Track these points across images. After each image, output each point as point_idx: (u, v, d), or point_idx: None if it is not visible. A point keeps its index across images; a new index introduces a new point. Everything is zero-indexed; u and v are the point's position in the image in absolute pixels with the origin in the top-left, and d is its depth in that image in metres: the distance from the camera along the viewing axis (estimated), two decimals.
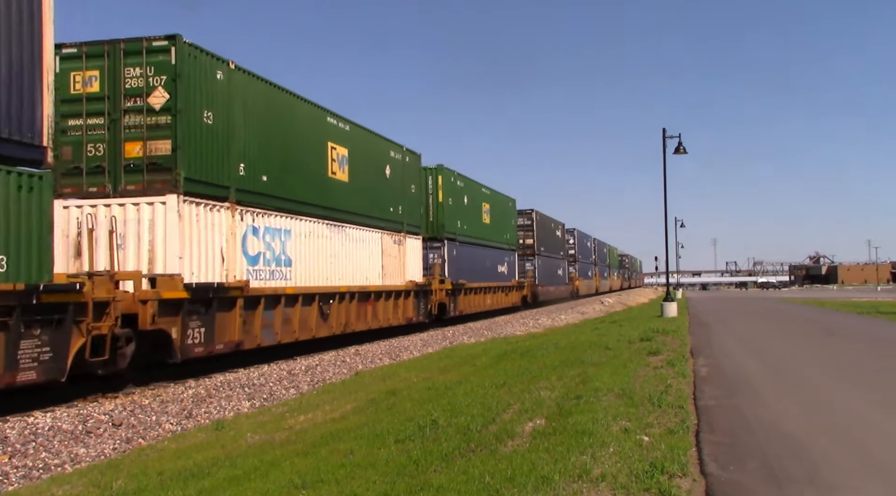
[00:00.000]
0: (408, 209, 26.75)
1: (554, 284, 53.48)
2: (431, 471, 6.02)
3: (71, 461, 9.07)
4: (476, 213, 35.51)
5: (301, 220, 18.90)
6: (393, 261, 24.91)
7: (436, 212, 30.37)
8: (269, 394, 13.56)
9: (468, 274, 32.83)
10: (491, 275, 37.51)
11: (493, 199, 39.01)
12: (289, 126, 18.61)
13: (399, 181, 26.22)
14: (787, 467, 5.86)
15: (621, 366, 12.02)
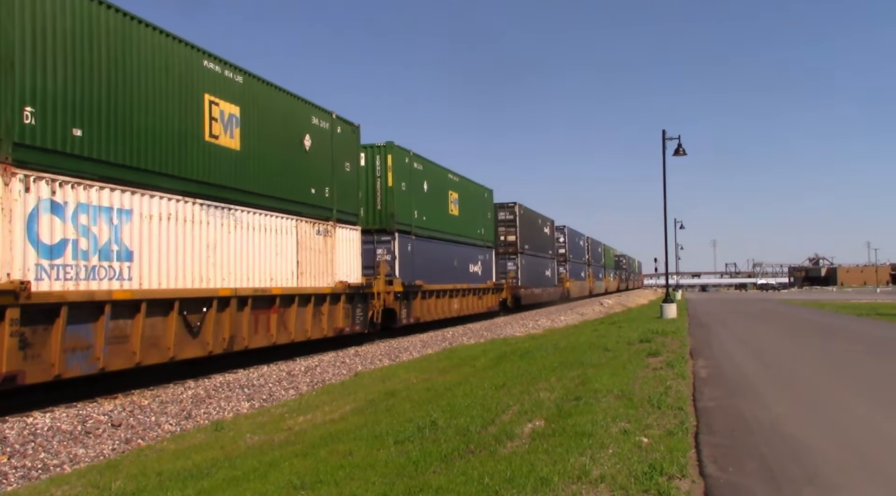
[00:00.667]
0: (340, 192, 21.07)
1: (541, 286, 48.61)
2: (431, 472, 6.02)
3: (70, 461, 9.07)
4: (440, 202, 30.26)
5: (152, 196, 13.56)
6: (315, 257, 19.48)
7: (384, 198, 25.30)
8: (269, 395, 13.56)
9: (428, 273, 27.92)
10: (460, 275, 32.41)
11: (462, 188, 33.64)
12: (129, 63, 13.29)
13: (326, 156, 20.50)
14: (787, 468, 5.86)
15: (620, 367, 12.02)
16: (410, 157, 27.30)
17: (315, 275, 19.42)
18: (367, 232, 23.90)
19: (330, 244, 20.38)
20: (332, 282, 20.36)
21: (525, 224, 44.78)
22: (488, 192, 38.64)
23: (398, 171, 25.82)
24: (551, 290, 52.54)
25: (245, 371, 16.27)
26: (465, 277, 33.17)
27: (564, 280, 59.12)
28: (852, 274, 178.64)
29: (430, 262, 28.46)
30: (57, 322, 11.34)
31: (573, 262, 64.09)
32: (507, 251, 42.29)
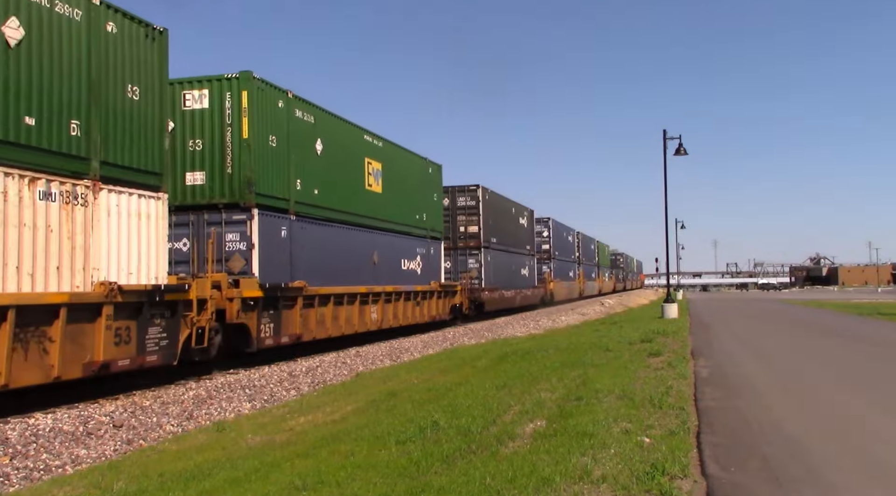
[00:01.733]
0: (116, 130, 12.84)
1: (515, 287, 41.14)
2: (432, 473, 6.02)
3: (72, 462, 9.08)
4: (347, 172, 21.98)
5: None
6: (36, 240, 11.13)
7: (236, 157, 17.11)
8: (270, 396, 13.56)
9: (323, 271, 19.65)
10: (384, 274, 23.90)
11: (390, 157, 25.21)
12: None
13: (63, 71, 11.90)
14: (789, 468, 5.86)
15: (622, 367, 12.02)
16: (289, 100, 18.86)
17: (34, 273, 11.07)
18: (211, 208, 17.07)
19: (80, 219, 12.00)
20: (85, 283, 11.99)
21: (492, 212, 36.98)
22: (435, 168, 30.17)
23: (262, 119, 17.61)
24: (528, 293, 45.03)
25: (246, 371, 16.28)
26: (393, 277, 24.72)
27: (547, 280, 51.71)
28: (853, 273, 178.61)
29: (328, 256, 20.19)
30: None
31: (559, 260, 56.36)
32: (467, 245, 34.86)
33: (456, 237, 34.94)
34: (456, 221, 35.15)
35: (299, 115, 19.50)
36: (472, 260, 35.16)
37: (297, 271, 18.55)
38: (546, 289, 51.19)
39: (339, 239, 21.30)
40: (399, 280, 25.23)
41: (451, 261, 34.21)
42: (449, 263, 33.52)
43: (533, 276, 47.51)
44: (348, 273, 21.41)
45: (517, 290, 42.02)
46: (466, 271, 34.56)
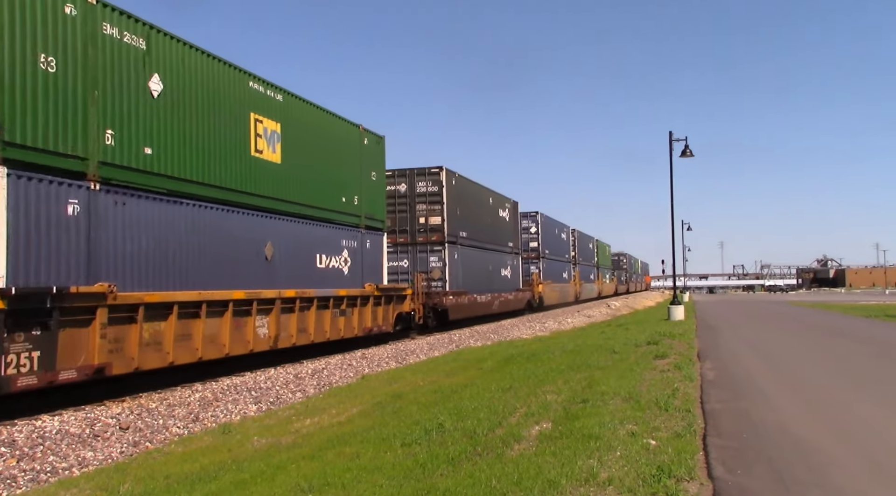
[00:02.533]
0: None
1: (492, 290, 34.88)
2: (438, 475, 6.02)
3: (78, 464, 9.10)
4: (221, 131, 15.79)
5: None
6: None
7: None
8: (276, 398, 13.58)
9: (162, 269, 13.88)
10: (287, 273, 18.04)
11: (297, 118, 18.92)
12: None
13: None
14: (795, 471, 5.84)
15: (627, 369, 11.99)
16: (90, 6, 12.46)
17: None
18: None
19: None
20: None
21: (460, 201, 31.04)
22: (372, 139, 23.41)
23: (21, 23, 11.18)
24: (510, 297, 38.15)
25: (252, 374, 16.29)
26: (301, 278, 18.68)
27: (535, 282, 45.80)
28: (861, 275, 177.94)
29: (176, 247, 14.23)
30: None
31: (550, 260, 50.73)
32: (428, 240, 29.17)
33: (415, 230, 29.33)
34: (415, 211, 29.46)
35: (112, 33, 12.95)
36: (434, 257, 29.32)
37: (102, 269, 12.43)
38: (534, 293, 44.95)
39: (201, 223, 15.06)
40: (312, 282, 19.07)
41: (410, 258, 29.27)
42: (407, 262, 29.23)
43: (517, 278, 41.28)
44: (218, 273, 15.39)
45: (495, 294, 35.05)
46: (427, 271, 28.97)
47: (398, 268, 29.10)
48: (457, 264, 30.40)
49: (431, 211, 29.49)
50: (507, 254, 39.65)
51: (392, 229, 28.08)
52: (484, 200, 35.79)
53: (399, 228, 29.52)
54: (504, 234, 39.15)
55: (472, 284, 32.17)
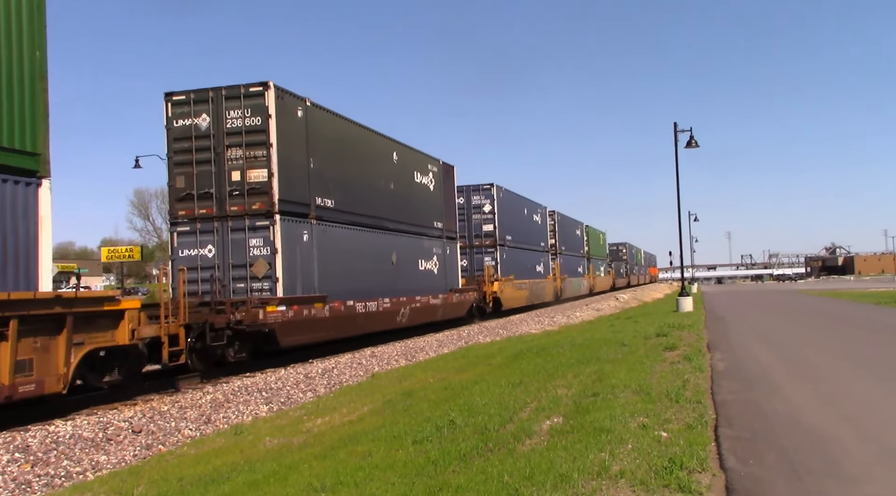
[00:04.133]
0: None
1: (398, 293, 23.63)
2: (450, 472, 6.03)
3: (92, 468, 9.16)
4: None
5: None
6: None
7: None
8: (287, 398, 13.62)
9: None
10: None
11: None
12: None
13: None
14: (807, 460, 5.82)
15: (637, 362, 11.98)
16: None
17: None
18: None
19: None
20: None
21: (315, 149, 19.31)
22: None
23: None
24: (433, 302, 26.68)
25: (262, 374, 16.34)
26: None
27: (486, 280, 34.21)
28: (869, 262, 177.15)
29: None
30: None
31: (516, 249, 38.84)
32: (248, 211, 17.52)
33: (223, 195, 17.66)
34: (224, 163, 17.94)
35: None
36: (257, 239, 18.33)
37: None
38: (484, 293, 33.88)
39: None
40: None
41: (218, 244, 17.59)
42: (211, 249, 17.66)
43: (452, 274, 29.64)
44: None
45: (403, 299, 23.95)
46: (248, 263, 17.49)
47: (199, 258, 17.43)
48: (305, 251, 18.39)
49: (253, 161, 17.35)
50: (434, 240, 27.74)
51: (188, 193, 17.61)
52: (374, 154, 23.23)
53: (200, 192, 17.54)
54: (426, 210, 27.35)
55: (347, 284, 20.22)
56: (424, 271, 26.63)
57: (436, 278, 27.60)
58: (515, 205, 40.27)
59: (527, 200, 43.13)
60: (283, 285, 17.23)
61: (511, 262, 37.76)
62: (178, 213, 17.72)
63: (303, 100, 18.79)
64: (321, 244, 19.13)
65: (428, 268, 27.03)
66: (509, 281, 36.69)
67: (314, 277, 18.73)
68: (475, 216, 35.97)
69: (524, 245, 41.08)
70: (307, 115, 18.89)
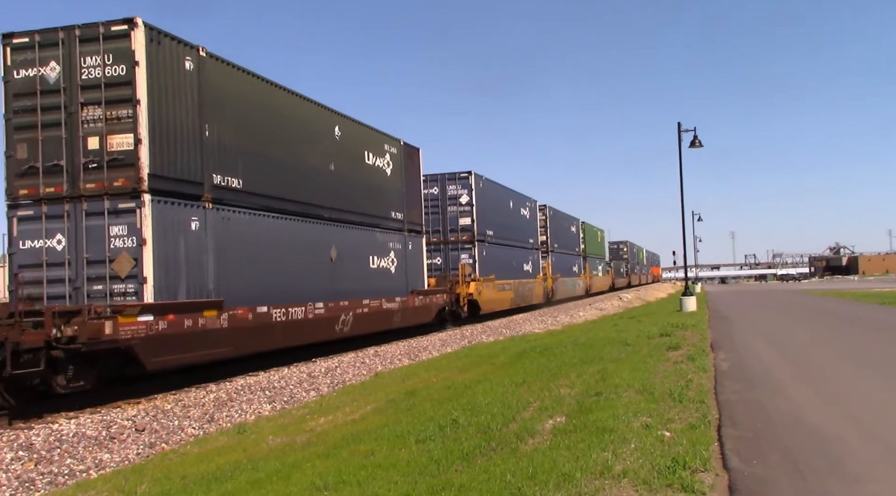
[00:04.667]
0: None
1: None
2: (453, 471, 6.03)
3: (96, 466, 9.17)
4: None
5: None
6: None
7: None
8: (290, 397, 13.63)
9: None
10: None
11: None
12: None
13: None
14: (811, 460, 5.81)
15: (641, 362, 11.97)
16: None
17: None
18: None
19: None
20: None
21: (223, 104, 15.61)
22: None
23: None
24: (388, 308, 22.59)
25: (266, 373, 16.36)
26: None
27: (461, 280, 30.09)
28: (874, 262, 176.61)
29: None
30: None
31: (498, 245, 34.77)
32: (110, 189, 13.39)
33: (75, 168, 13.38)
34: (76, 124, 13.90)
35: None
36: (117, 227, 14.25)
37: None
38: (457, 297, 29.55)
39: None
40: None
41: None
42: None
43: (416, 272, 25.49)
44: None
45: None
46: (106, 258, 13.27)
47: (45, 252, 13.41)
48: (193, 243, 14.41)
49: (115, 123, 13.52)
50: (391, 234, 23.53)
51: None
52: (308, 127, 18.96)
53: (47, 164, 13.58)
54: (381, 198, 23.03)
55: (260, 286, 16.23)
56: (378, 270, 22.34)
57: (393, 278, 23.31)
58: (499, 196, 36.12)
59: (513, 192, 38.87)
60: (155, 287, 13.16)
61: (493, 260, 33.61)
62: (18, 193, 13.71)
63: (194, 48, 14.76)
64: (220, 234, 14.97)
65: (383, 266, 22.69)
66: (489, 281, 32.48)
67: (208, 277, 14.58)
68: (451, 208, 31.89)
69: (509, 241, 37.05)
70: (201, 68, 14.92)
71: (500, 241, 35.21)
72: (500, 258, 35.02)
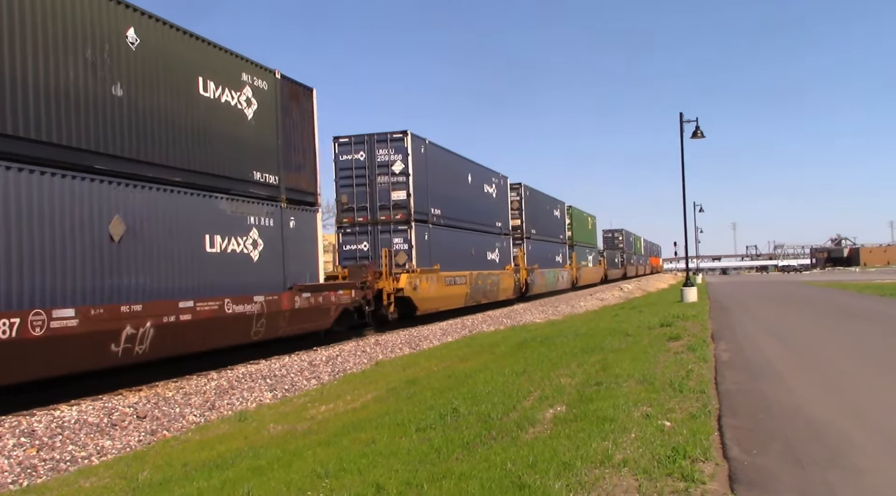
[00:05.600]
0: None
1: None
2: (453, 459, 6.04)
3: (97, 453, 9.20)
4: None
5: None
6: None
7: None
8: (291, 385, 13.65)
9: None
10: None
11: None
12: None
13: None
14: (811, 450, 5.82)
15: (641, 352, 11.98)
16: None
17: None
18: None
19: None
20: None
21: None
22: None
23: None
24: (236, 313, 15.05)
25: (267, 361, 16.38)
26: None
27: (385, 272, 23.49)
28: (875, 254, 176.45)
29: None
30: None
31: (446, 228, 27.87)
32: None
33: None
34: None
35: None
36: None
37: None
38: (378, 289, 23.01)
39: None
40: None
41: None
42: None
43: (282, 264, 17.42)
44: None
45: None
46: None
47: None
48: None
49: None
50: (249, 204, 16.21)
51: None
52: (63, 28, 11.70)
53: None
54: (226, 150, 15.60)
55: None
56: (222, 255, 15.14)
57: (254, 269, 16.18)
58: (450, 167, 29.03)
59: (472, 164, 31.57)
60: None
61: (439, 247, 26.90)
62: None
63: None
64: None
65: (233, 250, 15.53)
66: (431, 272, 25.51)
67: None
68: (380, 179, 25.00)
69: (464, 223, 29.93)
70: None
71: (451, 222, 28.34)
72: (450, 244, 28.07)
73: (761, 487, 4.95)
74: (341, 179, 25.34)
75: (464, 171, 30.81)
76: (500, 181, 35.54)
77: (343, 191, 25.32)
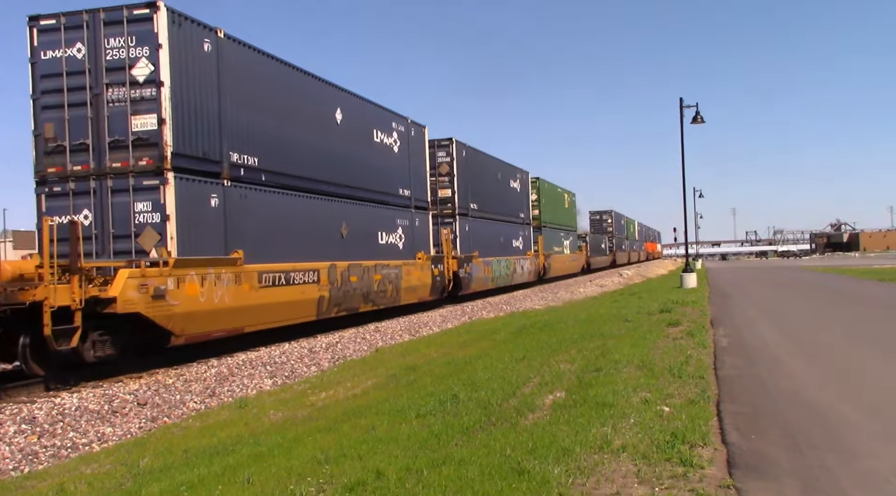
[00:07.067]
0: None
1: None
2: (453, 445, 6.06)
3: (98, 440, 9.24)
4: None
5: None
6: None
7: None
8: (291, 372, 13.69)
9: None
10: None
11: None
12: None
13: None
14: (809, 435, 5.84)
15: (641, 337, 12.00)
16: None
17: None
18: None
19: None
20: None
21: None
22: None
23: None
24: None
25: (267, 348, 16.42)
26: None
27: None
28: (875, 239, 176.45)
29: None
30: None
31: (272, 192, 17.04)
32: None
33: None
34: None
35: None
36: None
37: None
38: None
39: None
40: None
41: None
42: None
43: None
44: None
45: None
46: None
47: None
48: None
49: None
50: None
51: None
52: None
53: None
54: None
55: None
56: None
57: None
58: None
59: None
60: None
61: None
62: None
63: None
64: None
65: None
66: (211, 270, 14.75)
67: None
68: (112, 91, 14.20)
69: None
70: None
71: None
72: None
73: (760, 472, 4.97)
74: (45, 95, 14.35)
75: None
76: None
77: (47, 115, 14.36)
